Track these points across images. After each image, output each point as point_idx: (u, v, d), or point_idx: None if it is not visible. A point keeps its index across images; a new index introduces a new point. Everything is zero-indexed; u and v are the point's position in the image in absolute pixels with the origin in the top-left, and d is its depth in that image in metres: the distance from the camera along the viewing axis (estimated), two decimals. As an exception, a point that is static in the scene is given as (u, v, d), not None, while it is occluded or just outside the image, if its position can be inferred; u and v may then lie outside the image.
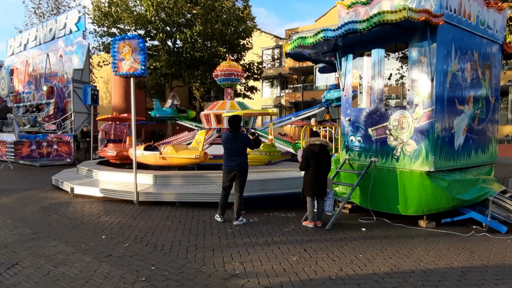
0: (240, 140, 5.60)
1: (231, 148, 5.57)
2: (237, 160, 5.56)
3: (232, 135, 5.59)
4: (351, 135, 6.20)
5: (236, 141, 5.57)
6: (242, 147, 5.63)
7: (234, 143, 5.56)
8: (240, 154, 5.62)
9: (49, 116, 16.75)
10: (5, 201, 7.28)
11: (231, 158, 5.57)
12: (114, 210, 6.40)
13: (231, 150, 5.58)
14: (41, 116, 16.96)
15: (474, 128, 5.96)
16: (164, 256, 4.15)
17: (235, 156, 5.56)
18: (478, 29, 5.85)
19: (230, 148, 5.58)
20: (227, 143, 5.59)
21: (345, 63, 6.33)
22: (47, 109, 17.33)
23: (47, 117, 16.75)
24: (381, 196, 5.69)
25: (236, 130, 5.66)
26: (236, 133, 5.63)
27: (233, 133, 5.62)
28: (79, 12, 16.90)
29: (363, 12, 5.92)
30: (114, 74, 6.76)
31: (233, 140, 5.57)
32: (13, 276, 3.61)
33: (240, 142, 5.59)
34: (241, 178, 5.60)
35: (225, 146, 5.63)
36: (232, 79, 11.68)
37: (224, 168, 5.67)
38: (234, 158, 5.56)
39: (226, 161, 5.64)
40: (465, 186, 5.49)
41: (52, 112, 16.88)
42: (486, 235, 5.01)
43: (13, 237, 4.91)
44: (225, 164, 5.64)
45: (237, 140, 5.57)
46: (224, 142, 5.64)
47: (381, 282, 3.47)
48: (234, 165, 5.56)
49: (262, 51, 30.46)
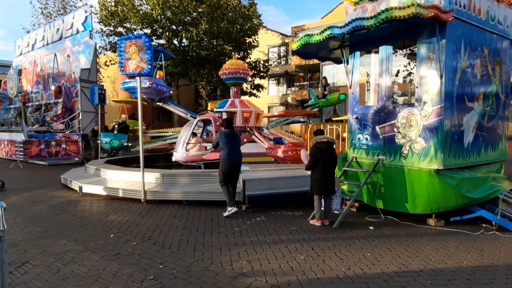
0: (237, 137, 6.29)
1: (233, 142, 6.05)
2: (237, 154, 6.07)
3: (231, 131, 6.13)
4: (359, 133, 6.15)
5: (235, 137, 6.17)
6: (238, 143, 6.31)
7: (235, 138, 6.14)
8: (238, 149, 6.19)
9: (57, 115, 16.95)
10: (15, 200, 7.38)
11: (233, 152, 6.00)
12: (122, 208, 6.45)
13: (233, 145, 6.04)
14: (49, 116, 17.16)
15: (484, 125, 5.88)
16: (172, 255, 4.17)
17: (237, 150, 6.10)
18: (488, 25, 5.76)
19: (232, 143, 6.02)
20: (228, 138, 5.99)
21: (352, 60, 6.27)
22: (55, 108, 17.54)
23: (55, 116, 16.94)
24: (389, 194, 5.64)
25: (232, 128, 6.24)
26: (232, 130, 6.22)
27: (230, 130, 6.16)
28: (86, 12, 17.02)
29: (370, 9, 5.85)
30: (121, 73, 6.80)
31: (232, 136, 6.10)
32: (24, 274, 3.66)
33: (237, 138, 6.26)
34: (238, 172, 6.15)
35: (227, 140, 5.98)
36: (239, 77, 11.64)
37: (225, 163, 5.91)
38: (236, 152, 6.05)
39: (230, 155, 5.94)
40: (475, 184, 5.42)
41: (60, 111, 17.08)
42: (496, 234, 4.94)
43: (23, 235, 4.97)
44: (230, 157, 5.93)
45: (235, 136, 6.20)
46: (224, 137, 6.00)
47: (390, 281, 3.44)
48: (234, 159, 5.98)
49: (268, 48, 30.36)
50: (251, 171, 7.40)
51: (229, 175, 5.89)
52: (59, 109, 17.23)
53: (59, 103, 17.41)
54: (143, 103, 8.96)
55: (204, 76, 20.83)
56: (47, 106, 18.31)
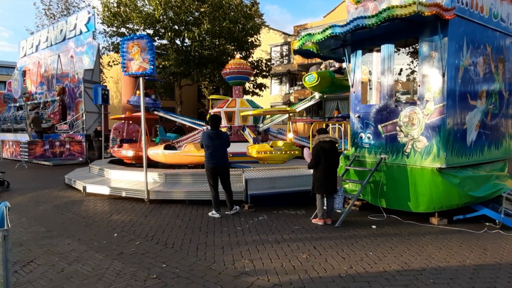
0: (221, 137, 5.86)
1: (213, 145, 5.76)
2: (219, 156, 5.78)
3: (214, 133, 5.84)
4: (361, 132, 6.14)
5: (217, 138, 5.80)
6: (223, 144, 5.86)
7: (216, 140, 5.78)
8: (222, 151, 5.85)
9: (54, 113, 17.30)
10: (20, 200, 7.45)
11: (214, 154, 5.75)
12: (125, 208, 6.49)
13: (213, 147, 5.76)
14: (47, 113, 17.55)
15: (487, 123, 5.85)
16: (175, 254, 4.19)
17: (217, 153, 5.76)
18: (491, 22, 5.73)
19: (212, 145, 5.76)
20: (209, 140, 5.76)
21: (354, 59, 6.26)
22: (52, 106, 17.95)
23: (52, 113, 17.24)
24: (392, 193, 5.63)
25: (216, 128, 5.91)
26: (217, 131, 5.89)
27: (214, 130, 5.87)
28: (89, 12, 17.09)
29: (372, 7, 5.84)
30: (124, 74, 6.83)
31: (215, 138, 5.79)
32: (29, 273, 3.70)
33: (221, 139, 5.83)
34: (225, 173, 5.85)
35: (207, 143, 5.79)
36: (241, 77, 11.66)
37: (207, 165, 5.81)
38: (216, 154, 5.76)
39: (208, 158, 5.79)
40: (478, 182, 5.39)
41: (57, 109, 17.53)
42: (499, 232, 4.92)
43: (28, 235, 5.02)
44: (208, 161, 5.79)
45: (218, 137, 5.82)
46: (206, 139, 5.80)
47: (392, 280, 3.45)
48: (216, 162, 5.74)
49: (270, 48, 30.32)
50: (253, 170, 7.42)
51: (212, 178, 5.79)
52: (56, 106, 17.62)
53: (56, 101, 17.79)
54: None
55: (206, 76, 20.85)
56: (45, 104, 18.65)
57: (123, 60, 6.70)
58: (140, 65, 6.63)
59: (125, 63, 6.68)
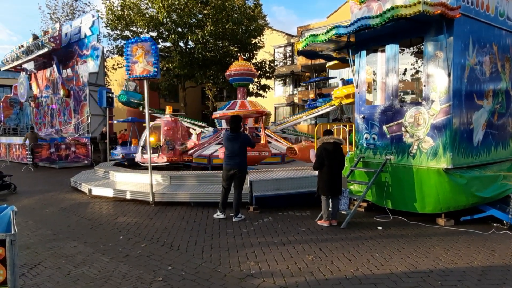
0: (240, 139, 5.73)
1: (231, 147, 5.71)
2: (236, 159, 5.71)
3: (233, 135, 5.75)
4: (366, 133, 6.11)
5: (236, 140, 5.71)
6: (241, 146, 5.74)
7: (234, 143, 5.70)
8: (239, 154, 5.75)
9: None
10: (26, 203, 7.50)
11: (231, 157, 5.73)
12: (130, 210, 6.51)
13: (231, 149, 5.72)
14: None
15: (494, 123, 5.79)
16: (180, 256, 4.19)
17: (235, 155, 5.72)
18: (497, 21, 5.68)
19: (230, 147, 5.72)
20: (228, 142, 5.75)
21: (358, 60, 6.24)
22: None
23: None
24: (397, 194, 5.59)
25: (236, 130, 5.79)
26: (237, 133, 5.77)
27: (234, 132, 5.76)
28: (93, 16, 17.21)
29: (376, 7, 5.81)
30: (128, 76, 6.87)
31: (233, 140, 5.72)
32: (36, 276, 3.72)
33: (240, 141, 5.72)
34: (240, 177, 5.74)
35: (225, 145, 5.82)
36: (245, 78, 11.64)
37: (224, 167, 5.81)
38: (233, 157, 5.71)
39: (226, 160, 5.79)
40: (485, 183, 5.34)
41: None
42: (507, 233, 4.86)
43: (34, 238, 5.05)
44: (225, 162, 5.79)
45: (238, 139, 5.71)
46: (225, 141, 5.82)
47: (399, 282, 3.41)
48: (233, 164, 5.71)
49: (274, 49, 30.33)
50: (258, 172, 7.41)
51: (226, 180, 5.77)
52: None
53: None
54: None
55: (210, 77, 20.90)
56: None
57: (128, 63, 6.73)
58: (144, 67, 6.66)
59: (130, 66, 6.72)
